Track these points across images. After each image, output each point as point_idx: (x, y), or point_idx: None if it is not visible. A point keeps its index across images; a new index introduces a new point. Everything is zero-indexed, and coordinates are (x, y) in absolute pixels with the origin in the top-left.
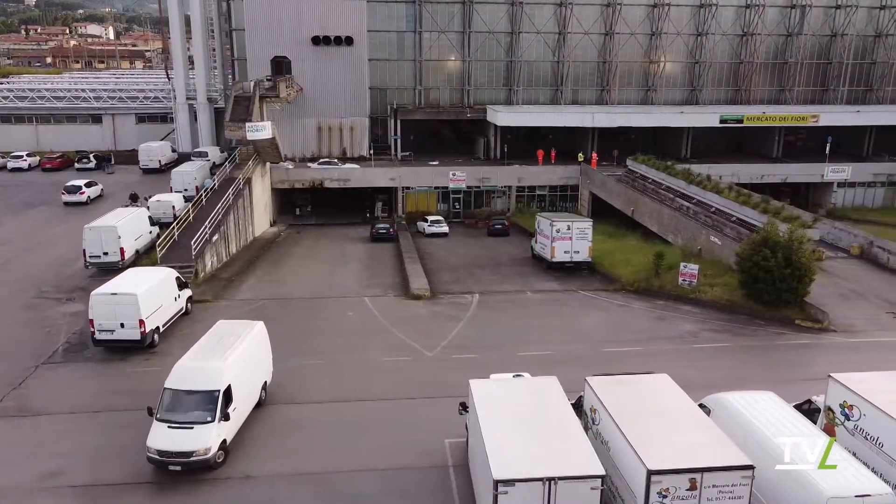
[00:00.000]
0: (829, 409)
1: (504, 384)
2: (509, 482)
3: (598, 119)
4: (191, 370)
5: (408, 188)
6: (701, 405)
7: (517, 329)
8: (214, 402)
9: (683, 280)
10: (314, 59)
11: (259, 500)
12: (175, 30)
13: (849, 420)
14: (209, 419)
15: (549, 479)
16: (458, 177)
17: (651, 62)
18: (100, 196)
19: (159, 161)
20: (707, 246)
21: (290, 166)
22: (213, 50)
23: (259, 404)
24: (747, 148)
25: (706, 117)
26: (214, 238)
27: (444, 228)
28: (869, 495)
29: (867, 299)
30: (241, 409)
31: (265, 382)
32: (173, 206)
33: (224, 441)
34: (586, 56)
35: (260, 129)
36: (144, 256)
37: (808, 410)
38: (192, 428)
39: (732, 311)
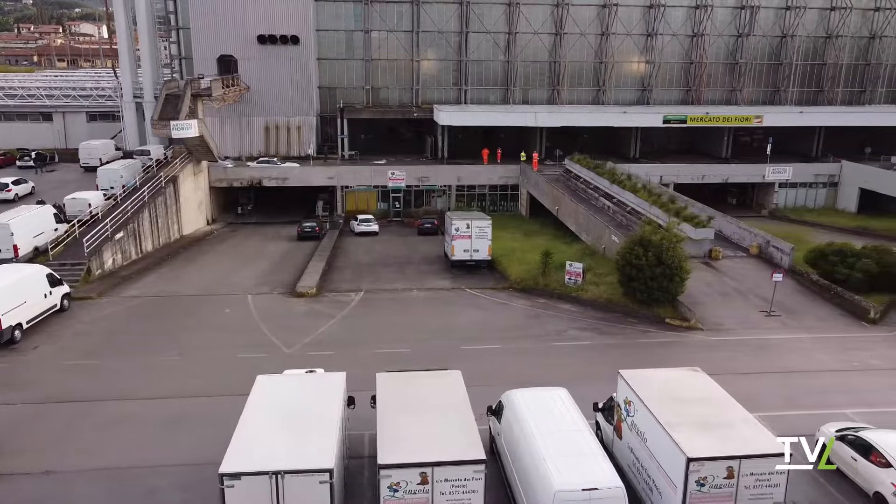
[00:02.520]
0: (618, 405)
1: (287, 380)
2: (235, 475)
3: (541, 119)
4: None
5: (347, 187)
6: (500, 401)
7: (387, 327)
8: None
9: (569, 279)
10: (261, 58)
11: (52, 495)
12: (121, 27)
13: (629, 416)
14: None
15: (276, 473)
16: (397, 176)
17: (601, 62)
18: (30, 194)
19: (100, 159)
20: (609, 245)
21: (229, 165)
22: (163, 48)
23: None
24: (700, 148)
25: (650, 117)
26: (118, 236)
27: (374, 227)
28: (597, 489)
29: (746, 298)
30: None
31: None
32: (89, 204)
33: None
34: (536, 56)
35: (185, 128)
36: (45, 254)
37: (610, 407)
38: None
39: (609, 310)
